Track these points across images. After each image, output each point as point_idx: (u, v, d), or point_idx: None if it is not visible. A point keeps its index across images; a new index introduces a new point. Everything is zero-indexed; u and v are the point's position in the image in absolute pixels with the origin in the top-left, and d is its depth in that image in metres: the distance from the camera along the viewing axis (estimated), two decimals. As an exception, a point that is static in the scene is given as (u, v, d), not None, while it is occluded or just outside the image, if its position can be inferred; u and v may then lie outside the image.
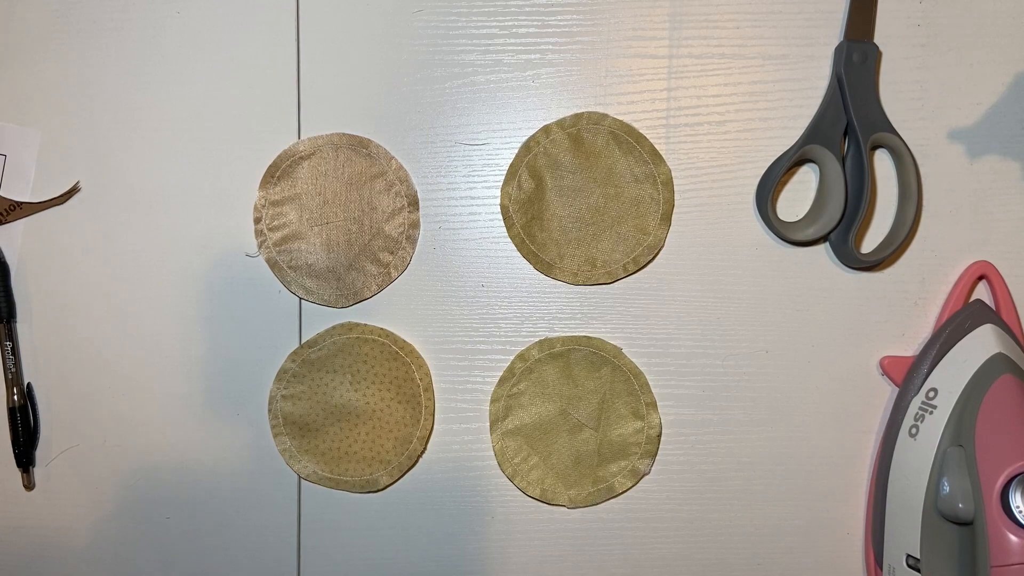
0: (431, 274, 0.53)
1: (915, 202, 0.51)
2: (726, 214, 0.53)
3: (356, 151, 0.52)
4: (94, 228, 0.53)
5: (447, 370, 0.53)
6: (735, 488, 0.53)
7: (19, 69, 0.53)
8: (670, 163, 0.52)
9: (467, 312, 0.53)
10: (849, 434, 0.53)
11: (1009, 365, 0.48)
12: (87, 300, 0.53)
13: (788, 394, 0.53)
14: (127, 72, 0.53)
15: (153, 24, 0.53)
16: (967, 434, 0.47)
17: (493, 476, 0.53)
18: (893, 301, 0.53)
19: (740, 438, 0.53)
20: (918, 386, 0.51)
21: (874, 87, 0.52)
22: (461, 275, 0.53)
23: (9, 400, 0.52)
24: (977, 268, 0.52)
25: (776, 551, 0.53)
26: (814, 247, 0.53)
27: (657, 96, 0.53)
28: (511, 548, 0.53)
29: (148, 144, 0.53)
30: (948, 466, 0.47)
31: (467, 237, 0.53)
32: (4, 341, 0.52)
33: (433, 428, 0.53)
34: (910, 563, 0.49)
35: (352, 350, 0.52)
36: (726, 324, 0.53)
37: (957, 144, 0.53)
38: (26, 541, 0.53)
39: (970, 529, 0.46)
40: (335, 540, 0.53)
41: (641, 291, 0.53)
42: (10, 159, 0.53)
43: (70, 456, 0.53)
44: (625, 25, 0.53)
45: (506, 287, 0.53)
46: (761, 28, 0.53)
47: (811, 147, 0.51)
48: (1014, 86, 0.53)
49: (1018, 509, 0.44)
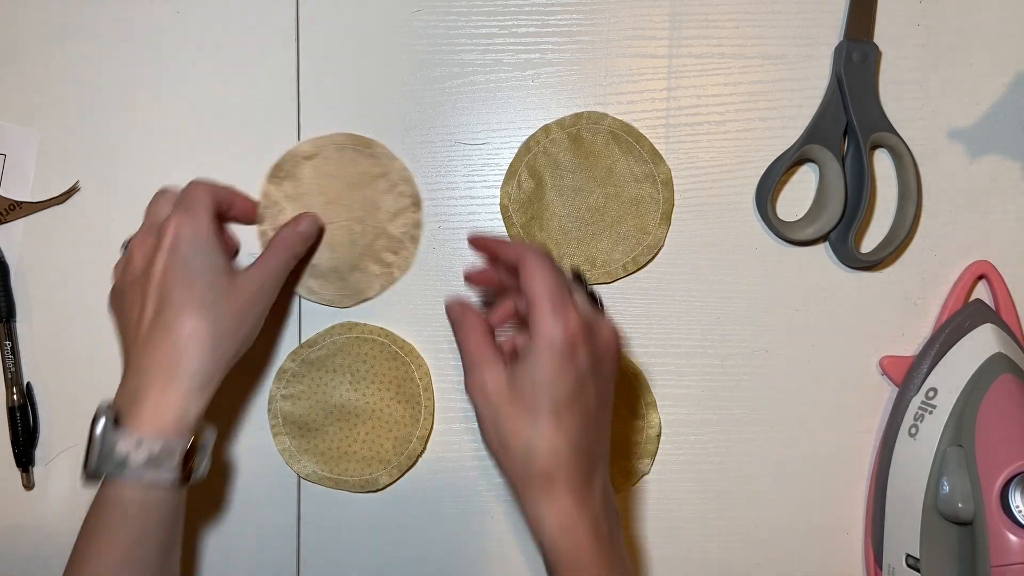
0: (431, 274, 0.53)
1: (915, 202, 0.51)
2: (726, 214, 0.53)
3: (359, 151, 0.52)
4: (94, 228, 0.53)
5: (447, 370, 0.53)
6: (735, 488, 0.53)
7: (19, 69, 0.53)
8: (670, 163, 0.52)
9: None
10: (849, 434, 0.53)
11: (1009, 365, 0.48)
12: (87, 300, 0.53)
13: (788, 394, 0.53)
14: (127, 72, 0.53)
15: (153, 24, 0.53)
16: (967, 434, 0.47)
17: (493, 476, 0.53)
18: (893, 301, 0.53)
19: (740, 438, 0.53)
20: (918, 386, 0.51)
21: (874, 87, 0.52)
22: (461, 275, 0.53)
23: (9, 400, 0.52)
24: (977, 268, 0.52)
25: (776, 551, 0.53)
26: (814, 247, 0.53)
27: (657, 96, 0.53)
28: (511, 548, 0.53)
29: (148, 144, 0.53)
30: (948, 466, 0.47)
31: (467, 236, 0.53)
32: (4, 341, 0.52)
33: (433, 428, 0.53)
34: (910, 563, 0.49)
35: (352, 350, 0.52)
36: (726, 324, 0.53)
37: (957, 144, 0.53)
38: (25, 541, 0.53)
39: (970, 529, 0.46)
40: (335, 540, 0.53)
41: (641, 291, 0.53)
42: (10, 159, 0.53)
43: (70, 456, 0.53)
44: (625, 25, 0.53)
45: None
46: (761, 28, 0.53)
47: (811, 147, 0.51)
48: (1014, 86, 0.53)
49: (1018, 509, 0.44)
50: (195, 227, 0.42)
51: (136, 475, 0.40)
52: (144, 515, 0.41)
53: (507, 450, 0.39)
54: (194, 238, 0.42)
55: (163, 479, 0.40)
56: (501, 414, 0.39)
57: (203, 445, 0.43)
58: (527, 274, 0.39)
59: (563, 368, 0.38)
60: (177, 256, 0.42)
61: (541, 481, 0.38)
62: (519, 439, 0.39)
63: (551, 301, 0.38)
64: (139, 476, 0.40)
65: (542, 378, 0.38)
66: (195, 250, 0.42)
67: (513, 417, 0.39)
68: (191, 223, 0.42)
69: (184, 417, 0.41)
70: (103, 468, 0.40)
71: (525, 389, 0.38)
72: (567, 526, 0.38)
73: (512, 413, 0.39)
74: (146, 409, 0.40)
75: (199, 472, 0.43)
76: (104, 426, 0.40)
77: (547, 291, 0.39)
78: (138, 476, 0.40)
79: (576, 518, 0.38)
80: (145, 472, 0.40)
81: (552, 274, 0.39)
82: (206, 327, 0.41)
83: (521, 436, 0.38)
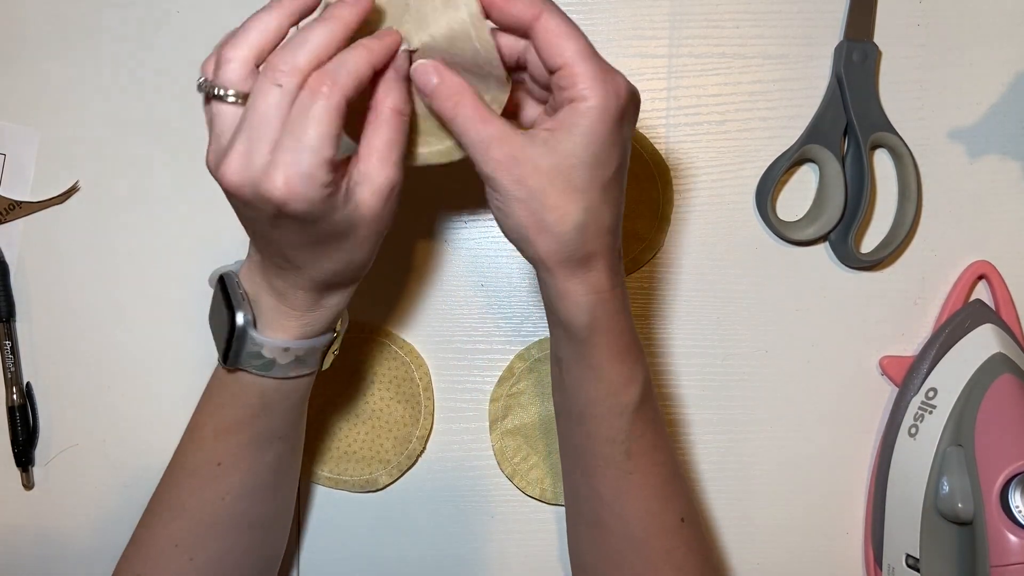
0: (431, 274, 0.53)
1: (915, 202, 0.51)
2: (726, 214, 0.53)
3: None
4: (94, 228, 0.53)
5: (447, 370, 0.53)
6: (735, 488, 0.53)
7: (19, 69, 0.53)
8: (670, 163, 0.52)
9: (467, 312, 0.53)
10: (849, 434, 0.53)
11: (1009, 365, 0.48)
12: (87, 300, 0.53)
13: (788, 394, 0.53)
14: (127, 72, 0.53)
15: (153, 24, 0.53)
16: (967, 434, 0.47)
17: (493, 476, 0.53)
18: (893, 301, 0.53)
19: (740, 438, 0.53)
20: (918, 386, 0.51)
21: (874, 87, 0.52)
22: (461, 275, 0.53)
23: (8, 399, 0.52)
24: (977, 268, 0.52)
25: (776, 551, 0.53)
26: (814, 247, 0.53)
27: (657, 96, 0.53)
28: (511, 548, 0.53)
29: (148, 144, 0.53)
30: (948, 466, 0.47)
31: (467, 236, 0.53)
32: (4, 340, 0.52)
33: (433, 428, 0.53)
34: (910, 563, 0.49)
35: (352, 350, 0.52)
36: (726, 324, 0.53)
37: (957, 144, 0.53)
38: (25, 541, 0.53)
39: (970, 529, 0.46)
40: (335, 540, 0.53)
41: (641, 291, 0.53)
42: (10, 159, 0.53)
43: (70, 456, 0.53)
44: (625, 25, 0.53)
45: (506, 287, 0.53)
46: (761, 28, 0.53)
47: (811, 147, 0.51)
48: (1014, 86, 0.53)
49: (1018, 509, 0.44)
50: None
51: (281, 372, 0.39)
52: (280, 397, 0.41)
53: (546, 231, 0.35)
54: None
55: (304, 372, 0.40)
56: (543, 195, 0.34)
57: (340, 333, 0.42)
58: (551, 34, 0.33)
59: (614, 140, 0.34)
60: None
61: (582, 258, 0.36)
62: (566, 220, 0.34)
63: (593, 61, 0.33)
64: (285, 374, 0.40)
65: (593, 154, 0.34)
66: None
67: (558, 197, 0.34)
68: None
69: (329, 319, 0.40)
70: (246, 365, 0.39)
71: (572, 166, 0.34)
72: (606, 297, 0.37)
73: (556, 193, 0.34)
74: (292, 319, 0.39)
75: (326, 364, 0.42)
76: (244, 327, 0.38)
77: (583, 50, 0.33)
78: (283, 374, 0.40)
79: (611, 288, 0.37)
80: (290, 371, 0.40)
81: (579, 30, 0.34)
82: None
83: (569, 216, 0.34)
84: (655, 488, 0.41)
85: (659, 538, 0.41)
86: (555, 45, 0.33)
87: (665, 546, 0.41)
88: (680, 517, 0.41)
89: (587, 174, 0.34)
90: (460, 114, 0.34)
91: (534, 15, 0.33)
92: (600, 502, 0.41)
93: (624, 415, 0.39)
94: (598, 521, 0.42)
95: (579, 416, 0.40)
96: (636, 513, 0.40)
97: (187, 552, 0.42)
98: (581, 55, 0.33)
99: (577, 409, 0.40)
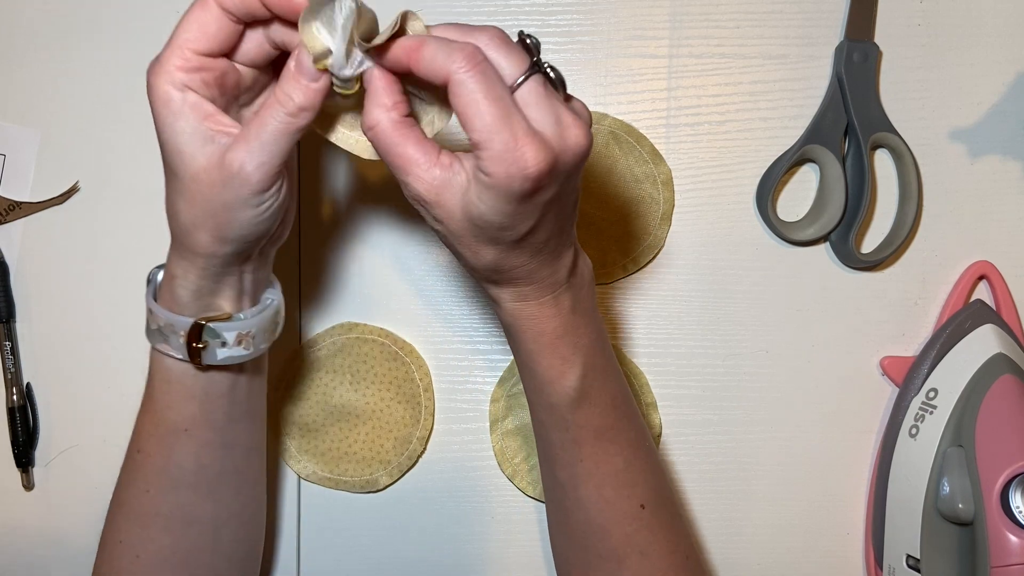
0: (431, 274, 0.53)
1: (915, 202, 0.51)
2: (726, 214, 0.53)
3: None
4: (94, 228, 0.53)
5: (447, 370, 0.53)
6: (735, 488, 0.53)
7: (19, 69, 0.53)
8: (670, 163, 0.52)
9: (467, 312, 0.53)
10: (849, 434, 0.53)
11: (1009, 365, 0.48)
12: (87, 300, 0.53)
13: (788, 394, 0.53)
14: (127, 72, 0.53)
15: (153, 23, 0.53)
16: (967, 434, 0.47)
17: (493, 476, 0.53)
18: (893, 301, 0.53)
19: (740, 438, 0.53)
20: (918, 386, 0.51)
21: (874, 87, 0.52)
22: (461, 275, 0.53)
23: (8, 400, 0.52)
24: (977, 268, 0.52)
25: (776, 551, 0.53)
26: (814, 247, 0.53)
27: (657, 96, 0.53)
28: (511, 548, 0.53)
29: (148, 144, 0.52)
30: (948, 466, 0.47)
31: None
32: (4, 341, 0.52)
33: (433, 428, 0.53)
34: (910, 563, 0.49)
35: (352, 350, 0.52)
36: (726, 324, 0.53)
37: (957, 144, 0.53)
38: (25, 541, 0.53)
39: (970, 529, 0.46)
40: (335, 540, 0.53)
41: (641, 291, 0.53)
42: (10, 159, 0.53)
43: (70, 456, 0.53)
44: (625, 25, 0.53)
45: (506, 287, 0.53)
46: (761, 28, 0.53)
47: (811, 147, 0.51)
48: (1014, 86, 0.53)
49: (1018, 509, 0.44)
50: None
51: (155, 341, 0.39)
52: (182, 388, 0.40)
53: (464, 258, 0.36)
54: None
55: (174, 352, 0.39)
56: (458, 237, 0.35)
57: (213, 330, 0.39)
58: (461, 102, 0.32)
59: (522, 211, 0.33)
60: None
61: (501, 280, 0.37)
62: (480, 259, 0.36)
63: (501, 136, 0.31)
64: (156, 343, 0.39)
65: (499, 222, 0.33)
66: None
67: (470, 241, 0.35)
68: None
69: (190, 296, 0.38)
70: (149, 339, 0.40)
71: (481, 226, 0.34)
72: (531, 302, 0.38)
73: (470, 238, 0.35)
74: (164, 283, 0.39)
75: (215, 358, 0.39)
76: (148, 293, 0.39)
77: (493, 124, 0.31)
78: (155, 343, 0.39)
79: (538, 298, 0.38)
80: (158, 341, 0.39)
81: (493, 95, 0.31)
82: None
83: (482, 257, 0.35)
84: (607, 476, 0.41)
85: (618, 524, 0.41)
86: (465, 116, 0.32)
87: (625, 531, 0.41)
88: (640, 504, 0.41)
89: (497, 234, 0.34)
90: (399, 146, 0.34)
91: (443, 78, 0.32)
92: (561, 489, 0.42)
93: (561, 406, 0.40)
94: (561, 507, 0.43)
95: (530, 406, 0.42)
96: (592, 499, 0.41)
97: (132, 549, 0.42)
98: (490, 130, 0.31)
99: (527, 399, 0.42)
